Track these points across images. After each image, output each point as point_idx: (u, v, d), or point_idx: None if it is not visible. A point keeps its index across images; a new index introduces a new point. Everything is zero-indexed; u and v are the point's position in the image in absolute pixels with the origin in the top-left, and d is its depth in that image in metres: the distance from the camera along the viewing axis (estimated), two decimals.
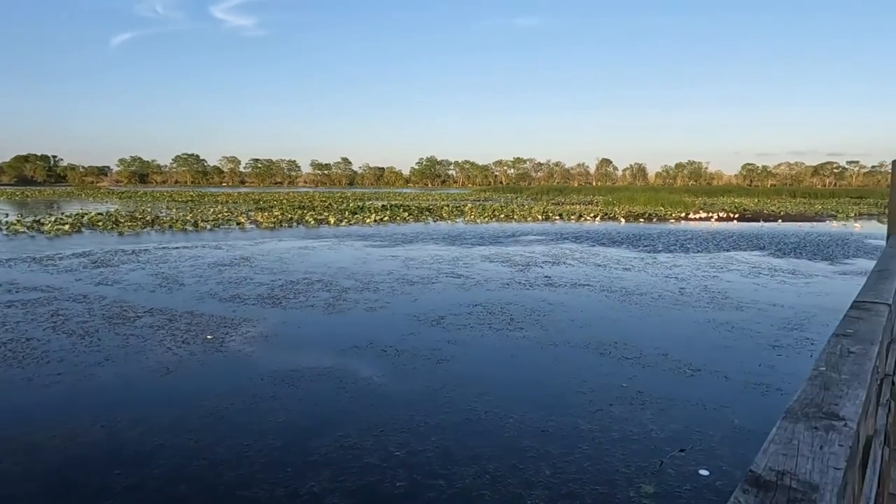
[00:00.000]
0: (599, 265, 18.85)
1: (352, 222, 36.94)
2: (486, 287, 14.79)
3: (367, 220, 38.17)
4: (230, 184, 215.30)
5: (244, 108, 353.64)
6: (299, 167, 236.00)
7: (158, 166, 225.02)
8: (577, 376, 8.23)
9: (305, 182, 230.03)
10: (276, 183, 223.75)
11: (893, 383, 3.18)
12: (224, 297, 13.19)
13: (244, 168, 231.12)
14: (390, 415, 6.80)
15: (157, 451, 5.85)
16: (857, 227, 37.46)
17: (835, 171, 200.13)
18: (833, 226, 38.37)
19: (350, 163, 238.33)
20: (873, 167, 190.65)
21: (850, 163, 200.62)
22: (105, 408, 6.98)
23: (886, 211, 10.38)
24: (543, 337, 10.25)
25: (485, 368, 8.63)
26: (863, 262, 19.68)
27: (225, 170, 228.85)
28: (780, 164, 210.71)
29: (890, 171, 9.75)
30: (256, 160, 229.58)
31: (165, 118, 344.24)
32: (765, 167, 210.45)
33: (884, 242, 8.38)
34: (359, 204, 57.46)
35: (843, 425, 1.28)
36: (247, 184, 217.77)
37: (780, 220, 42.60)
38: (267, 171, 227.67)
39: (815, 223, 40.79)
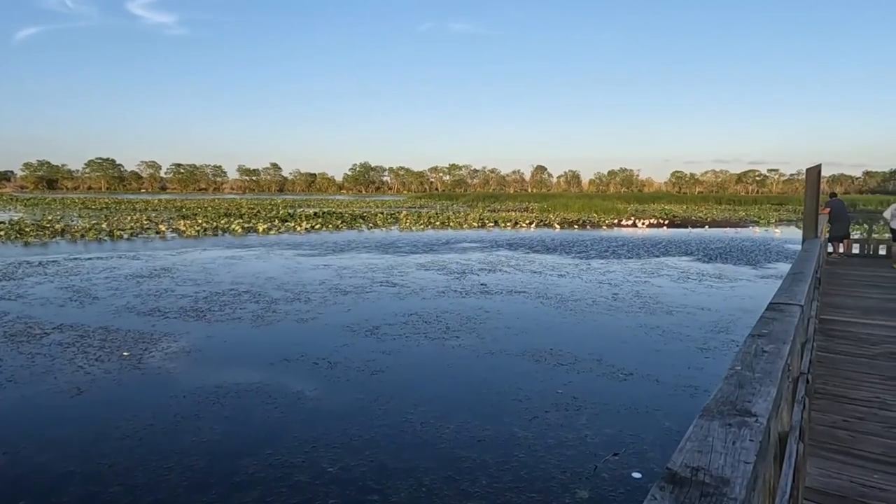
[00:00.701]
0: (535, 272, 19.14)
1: (282, 230, 36.39)
2: (421, 296, 14.82)
3: (298, 228, 37.70)
4: (150, 190, 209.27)
5: (165, 111, 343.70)
6: (225, 173, 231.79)
7: (69, 171, 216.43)
8: (513, 384, 8.34)
9: (232, 188, 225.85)
10: (201, 189, 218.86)
11: (808, 381, 3.37)
12: (143, 311, 12.79)
13: (165, 173, 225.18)
14: (322, 430, 6.74)
15: (67, 479, 5.60)
16: (778, 232, 39.20)
17: (757, 178, 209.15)
18: (756, 232, 40.05)
19: (280, 168, 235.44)
20: (792, 175, 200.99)
21: (770, 171, 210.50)
22: (7, 433, 6.63)
23: (803, 218, 10.99)
24: (479, 345, 10.34)
25: (420, 379, 8.64)
26: (783, 266, 20.61)
27: (144, 175, 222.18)
28: (706, 172, 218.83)
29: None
30: (179, 165, 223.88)
31: (78, 120, 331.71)
32: (692, 175, 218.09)
33: (801, 247, 8.87)
34: (289, 211, 56.67)
35: (755, 421, 1.37)
36: (168, 190, 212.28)
37: (706, 227, 44.25)
38: (190, 177, 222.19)
39: (739, 229, 42.54)
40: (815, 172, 9.84)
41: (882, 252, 16.32)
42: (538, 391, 8.05)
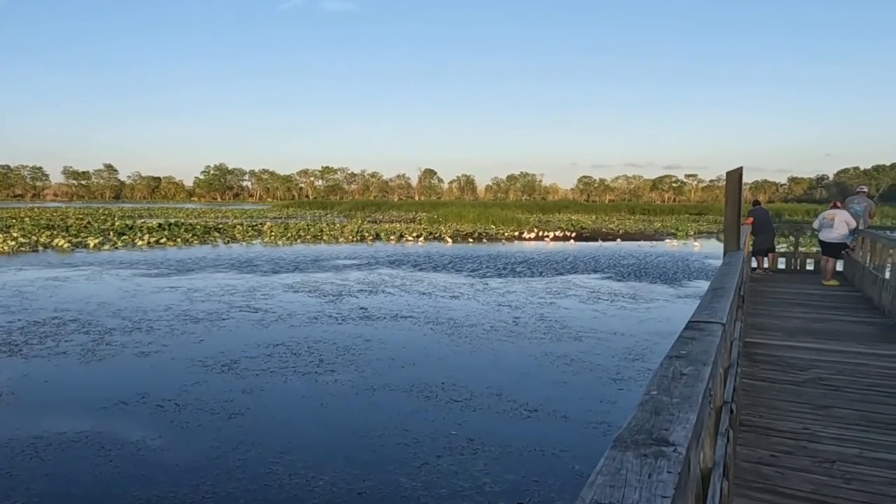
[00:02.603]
0: (424, 293, 19.26)
1: (118, 246, 35.31)
2: (289, 323, 14.63)
3: (139, 243, 36.76)
4: None
5: None
6: (47, 176, 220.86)
7: None
8: (398, 425, 8.32)
9: (56, 195, 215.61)
10: (16, 196, 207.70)
11: (732, 411, 3.53)
12: None
13: None
14: (167, 486, 6.49)
15: None
16: (697, 246, 41.18)
17: (673, 185, 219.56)
18: (673, 245, 41.93)
19: (116, 171, 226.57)
20: (712, 181, 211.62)
21: (688, 176, 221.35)
22: None
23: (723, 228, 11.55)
24: (359, 380, 10.28)
25: (288, 422, 8.50)
26: (704, 284, 21.63)
27: None
28: (618, 178, 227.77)
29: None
30: None
31: None
32: (602, 181, 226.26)
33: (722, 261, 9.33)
34: (127, 222, 54.70)
35: (673, 451, 1.42)
36: None
37: (618, 240, 45.89)
38: (2, 181, 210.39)
39: (654, 242, 44.40)
40: (735, 176, 10.29)
41: (810, 267, 17.33)
42: (428, 433, 8.06)
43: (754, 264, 16.80)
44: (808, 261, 17.58)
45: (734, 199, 10.10)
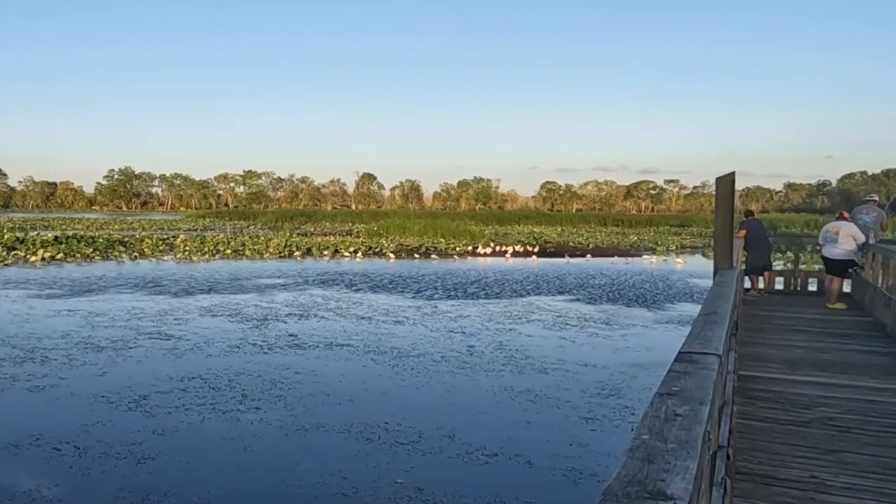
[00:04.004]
0: (362, 318, 19.23)
1: (7, 262, 35.11)
2: (206, 352, 14.56)
3: (32, 259, 36.53)
4: None
5: None
6: None
7: None
8: (335, 471, 8.28)
9: None
10: None
11: (729, 457, 3.54)
12: None
13: None
14: None
15: None
16: (680, 262, 41.69)
17: (651, 192, 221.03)
18: (651, 262, 42.39)
19: (4, 175, 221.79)
20: (696, 188, 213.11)
21: (668, 182, 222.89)
22: None
23: (713, 242, 11.58)
24: (288, 419, 10.24)
25: (206, 468, 8.46)
26: (688, 308, 21.87)
27: None
28: (586, 184, 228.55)
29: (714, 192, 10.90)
30: None
31: None
32: (569, 187, 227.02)
33: (711, 282, 9.35)
34: (18, 235, 53.60)
35: None
36: None
37: (588, 256, 46.17)
38: None
39: (630, 258, 44.83)
40: (727, 183, 10.31)
41: (812, 288, 17.17)
42: (370, 481, 8.03)
43: (747, 284, 16.68)
44: (810, 280, 17.46)
45: (725, 209, 10.04)
